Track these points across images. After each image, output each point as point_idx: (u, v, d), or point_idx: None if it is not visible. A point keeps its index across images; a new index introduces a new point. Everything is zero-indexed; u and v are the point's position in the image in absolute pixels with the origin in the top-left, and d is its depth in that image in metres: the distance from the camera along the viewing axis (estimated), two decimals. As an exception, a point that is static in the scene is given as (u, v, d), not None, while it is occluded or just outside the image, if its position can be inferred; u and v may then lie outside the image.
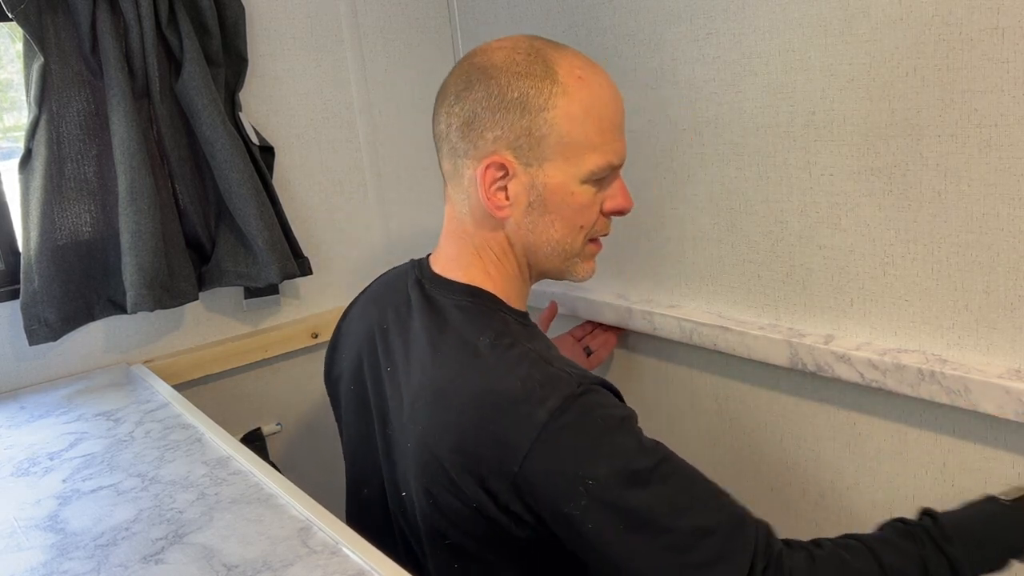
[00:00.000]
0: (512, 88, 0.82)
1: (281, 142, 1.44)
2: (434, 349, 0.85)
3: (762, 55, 1.05)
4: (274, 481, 0.86)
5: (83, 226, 1.22)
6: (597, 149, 0.84)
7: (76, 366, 1.30)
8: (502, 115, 0.82)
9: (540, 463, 0.74)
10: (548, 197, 0.85)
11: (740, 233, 1.15)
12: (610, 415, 0.77)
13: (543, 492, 0.74)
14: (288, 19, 1.43)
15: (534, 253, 0.89)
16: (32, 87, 1.16)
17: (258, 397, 1.47)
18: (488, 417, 0.77)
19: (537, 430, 0.74)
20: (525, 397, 0.76)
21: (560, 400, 0.75)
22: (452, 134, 0.86)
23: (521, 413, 0.75)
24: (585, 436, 0.74)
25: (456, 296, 0.88)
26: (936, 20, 0.88)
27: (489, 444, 0.76)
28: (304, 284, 1.50)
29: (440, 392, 0.81)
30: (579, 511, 0.73)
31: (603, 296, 1.37)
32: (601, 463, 0.73)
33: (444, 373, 0.82)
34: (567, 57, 0.85)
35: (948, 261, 0.93)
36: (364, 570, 0.69)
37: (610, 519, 0.72)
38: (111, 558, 0.74)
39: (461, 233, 0.90)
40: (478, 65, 0.85)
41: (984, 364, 0.92)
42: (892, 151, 0.95)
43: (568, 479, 0.73)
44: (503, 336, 0.82)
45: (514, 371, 0.78)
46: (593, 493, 0.73)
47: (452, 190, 0.90)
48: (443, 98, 0.88)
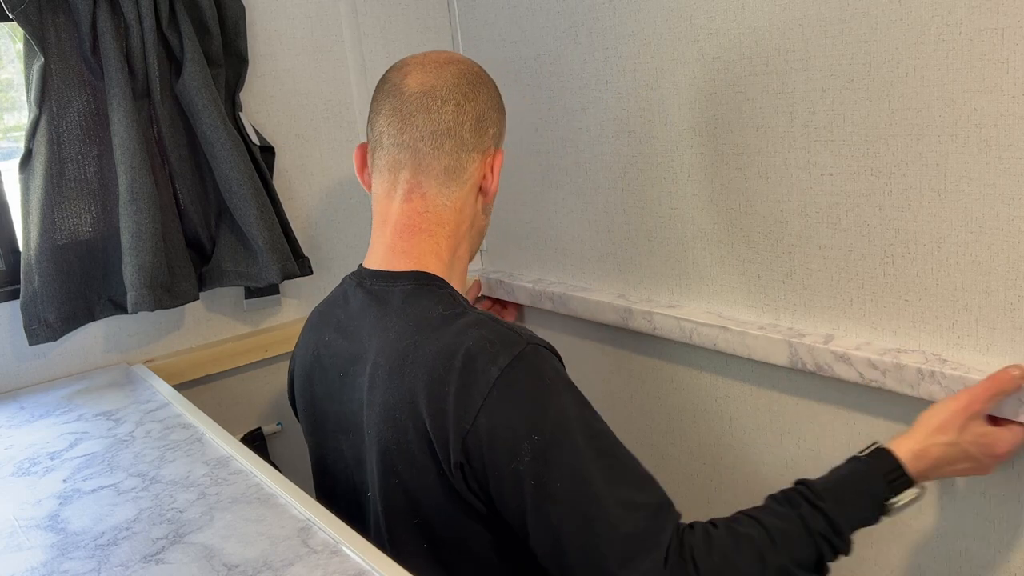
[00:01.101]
0: (496, 92, 0.98)
1: (281, 142, 1.44)
2: (385, 331, 0.89)
3: (762, 55, 1.05)
4: (274, 481, 0.86)
5: (83, 226, 1.22)
6: None
7: (76, 366, 1.30)
8: (499, 114, 0.98)
9: (490, 419, 0.78)
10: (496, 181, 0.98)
11: (740, 233, 1.15)
12: (557, 375, 0.81)
13: (491, 448, 0.77)
14: (288, 19, 1.43)
15: (478, 235, 1.01)
16: (32, 87, 1.16)
17: (258, 397, 1.47)
18: (444, 379, 0.80)
19: (488, 386, 0.78)
20: (479, 354, 0.80)
21: (510, 357, 0.79)
22: (465, 130, 0.93)
23: (475, 370, 0.79)
24: (533, 393, 0.79)
25: (401, 283, 0.92)
26: (936, 20, 0.88)
27: (445, 403, 0.79)
28: (304, 284, 1.50)
29: (395, 366, 0.85)
30: (523, 467, 0.76)
31: (603, 296, 1.37)
32: (547, 419, 0.77)
33: (397, 350, 0.86)
34: None
35: (948, 261, 0.93)
36: (364, 570, 0.69)
37: (551, 476, 0.76)
38: (111, 558, 0.74)
39: (430, 225, 0.94)
40: (475, 73, 0.96)
41: (984, 364, 0.92)
42: (892, 151, 0.95)
43: (515, 434, 0.77)
44: (453, 306, 0.88)
45: (467, 332, 0.83)
46: (537, 448, 0.76)
47: (437, 184, 0.93)
48: (447, 98, 0.92)
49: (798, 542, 0.79)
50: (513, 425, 0.77)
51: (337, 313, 0.98)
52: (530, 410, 0.78)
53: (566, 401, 0.80)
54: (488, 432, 0.77)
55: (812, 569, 0.81)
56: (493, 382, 0.78)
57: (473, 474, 0.79)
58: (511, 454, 0.77)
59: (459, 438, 0.78)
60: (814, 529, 0.80)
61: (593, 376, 1.47)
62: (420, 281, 0.91)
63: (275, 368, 1.48)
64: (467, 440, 0.78)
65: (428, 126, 0.92)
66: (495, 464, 0.78)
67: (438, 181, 0.93)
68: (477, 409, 0.78)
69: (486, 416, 0.78)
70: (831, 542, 0.80)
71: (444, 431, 0.79)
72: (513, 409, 0.78)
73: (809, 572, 0.81)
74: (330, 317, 0.99)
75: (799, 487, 0.84)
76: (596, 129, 1.33)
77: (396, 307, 0.90)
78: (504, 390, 0.78)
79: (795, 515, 0.80)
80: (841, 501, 0.82)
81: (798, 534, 0.79)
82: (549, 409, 0.78)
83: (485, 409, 0.78)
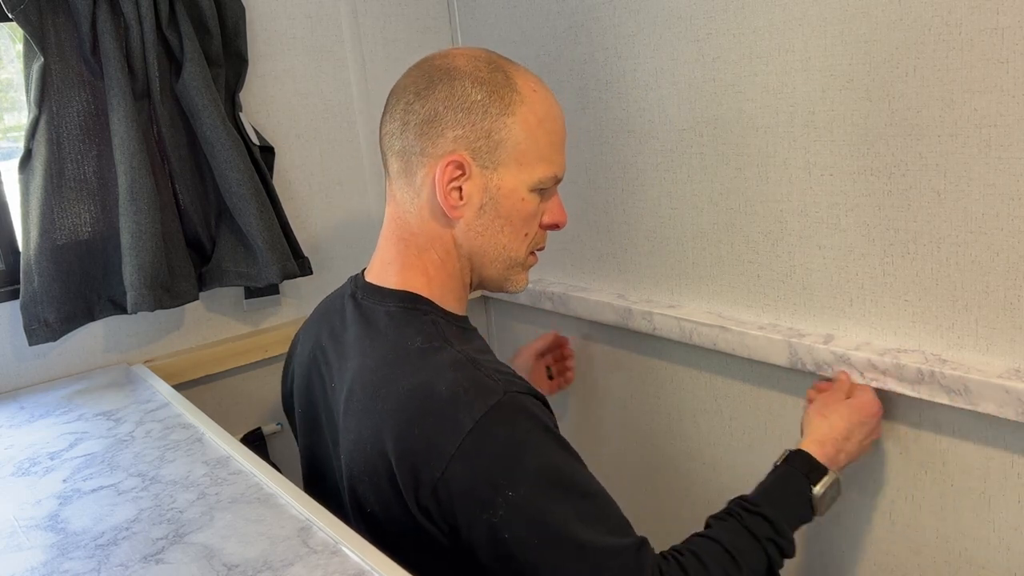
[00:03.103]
0: (476, 91, 0.85)
1: (281, 142, 1.44)
2: (364, 356, 0.86)
3: (762, 55, 1.05)
4: (274, 481, 0.86)
5: (83, 226, 1.22)
6: (546, 160, 0.89)
7: (76, 366, 1.30)
8: (465, 115, 0.85)
9: (462, 470, 0.75)
10: (500, 201, 0.88)
11: (740, 233, 1.15)
12: (533, 425, 0.78)
13: (463, 499, 0.75)
14: (288, 19, 1.43)
15: (480, 257, 0.91)
16: (32, 87, 1.16)
17: (258, 397, 1.47)
18: (415, 420, 0.78)
19: (461, 436, 0.75)
20: (451, 400, 0.77)
21: (485, 407, 0.76)
22: (409, 131, 0.87)
23: (446, 417, 0.76)
24: (507, 445, 0.76)
25: (387, 303, 0.89)
26: (936, 20, 0.88)
27: (415, 447, 0.77)
28: (304, 284, 1.50)
29: (368, 396, 0.82)
30: (497, 520, 0.74)
31: (603, 296, 1.37)
32: (521, 474, 0.75)
33: (373, 379, 0.83)
34: (522, 72, 0.90)
35: (948, 261, 0.93)
36: (364, 570, 0.69)
37: (528, 529, 0.74)
38: (111, 558, 0.74)
39: (403, 234, 0.91)
40: (440, 67, 0.87)
41: (984, 364, 0.92)
42: (892, 151, 0.95)
43: (489, 487, 0.75)
44: (433, 339, 0.84)
45: (443, 374, 0.79)
46: (512, 502, 0.74)
47: (399, 189, 0.90)
48: (399, 96, 0.89)
49: (750, 551, 0.83)
50: (486, 478, 0.75)
51: (334, 320, 0.96)
52: (504, 463, 0.75)
53: (541, 451, 0.77)
54: (460, 483, 0.75)
55: (765, 572, 0.85)
56: (467, 432, 0.75)
57: (442, 516, 0.77)
58: (484, 506, 0.75)
59: (429, 484, 0.76)
60: (760, 535, 0.84)
61: (593, 376, 1.47)
62: (405, 303, 0.88)
63: (275, 368, 1.48)
64: (437, 487, 0.76)
65: (385, 126, 0.90)
66: (466, 513, 0.76)
67: (399, 185, 0.90)
68: (448, 458, 0.75)
69: (458, 466, 0.75)
70: (777, 543, 0.85)
71: (413, 473, 0.77)
72: (486, 461, 0.75)
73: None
74: (327, 322, 0.98)
75: (735, 501, 0.89)
76: (596, 129, 1.33)
77: (378, 330, 0.87)
78: (478, 441, 0.75)
79: (740, 526, 0.85)
80: (775, 503, 0.87)
81: (748, 544, 0.84)
82: (523, 461, 0.76)
83: (457, 459, 0.75)
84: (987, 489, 0.97)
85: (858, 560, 1.12)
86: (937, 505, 1.02)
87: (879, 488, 1.07)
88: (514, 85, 0.87)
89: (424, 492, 0.76)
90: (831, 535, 1.14)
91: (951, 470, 0.99)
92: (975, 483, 0.98)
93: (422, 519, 0.78)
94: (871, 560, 1.11)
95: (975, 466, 0.97)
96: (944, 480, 1.00)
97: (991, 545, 0.98)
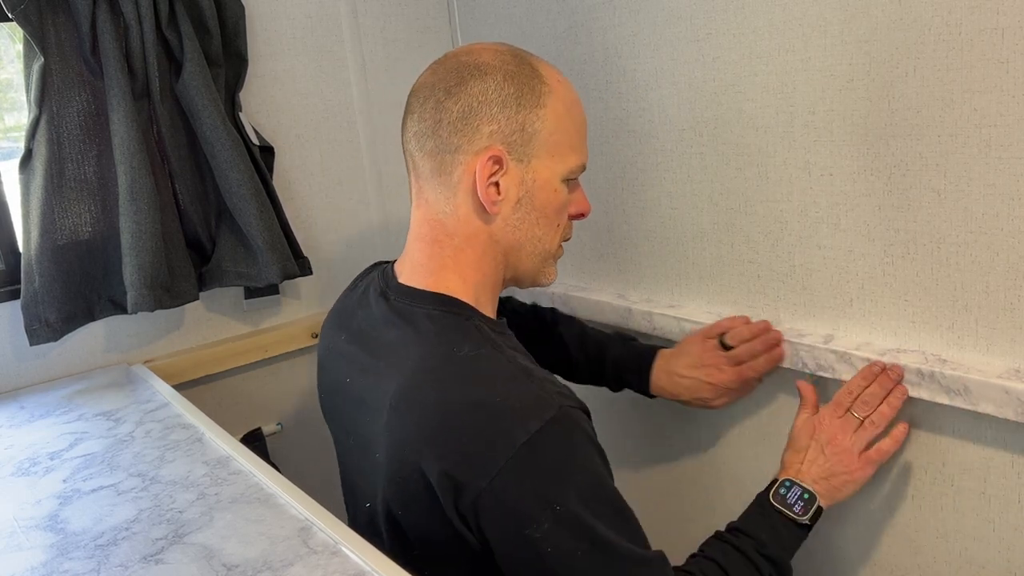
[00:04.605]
0: (508, 84, 0.85)
1: (281, 142, 1.44)
2: (409, 358, 0.84)
3: (762, 55, 1.05)
4: (274, 481, 0.86)
5: (83, 226, 1.22)
6: (576, 149, 0.90)
7: (76, 366, 1.30)
8: (500, 109, 0.84)
9: (511, 483, 0.74)
10: (536, 193, 0.88)
11: (740, 233, 1.15)
12: (584, 440, 0.78)
13: (506, 511, 0.75)
14: (288, 19, 1.43)
15: (517, 252, 0.91)
16: (32, 87, 1.16)
17: (258, 397, 1.47)
18: (464, 428, 0.76)
19: (513, 449, 0.74)
20: (505, 413, 0.76)
21: (540, 423, 0.75)
22: (443, 129, 0.85)
23: (499, 429, 0.75)
24: (558, 461, 0.75)
25: (426, 305, 0.87)
26: (936, 20, 0.88)
27: (462, 455, 0.76)
28: (304, 284, 1.50)
29: (416, 400, 0.81)
30: (541, 533, 0.74)
31: (603, 296, 1.37)
32: (571, 489, 0.75)
33: (422, 382, 0.81)
34: (545, 64, 0.90)
35: (948, 261, 0.93)
36: (364, 570, 0.69)
37: (571, 545, 0.74)
38: (111, 558, 0.74)
39: (437, 236, 0.89)
40: (468, 63, 0.86)
41: (984, 364, 0.92)
42: (892, 151, 0.95)
43: (537, 501, 0.74)
44: (481, 345, 0.82)
45: (496, 385, 0.78)
46: (559, 517, 0.74)
47: (431, 189, 0.89)
48: (427, 95, 0.87)
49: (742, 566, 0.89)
50: (535, 492, 0.74)
51: (359, 316, 0.94)
52: (554, 478, 0.75)
53: (589, 467, 0.78)
54: (505, 495, 0.74)
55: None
56: (520, 445, 0.74)
57: (478, 524, 0.77)
58: (528, 520, 0.74)
59: (472, 493, 0.75)
60: (749, 552, 0.89)
61: (593, 376, 1.47)
62: (445, 307, 0.87)
63: (275, 368, 1.48)
64: (481, 497, 0.74)
65: (412, 127, 0.88)
66: (508, 526, 0.75)
67: (431, 186, 0.88)
68: (498, 470, 0.74)
69: (507, 479, 0.74)
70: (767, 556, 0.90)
71: (455, 480, 0.76)
72: (538, 476, 0.75)
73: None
74: (350, 318, 0.96)
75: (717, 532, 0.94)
76: (596, 129, 1.33)
77: (420, 332, 0.85)
78: (530, 455, 0.74)
79: (732, 548, 0.90)
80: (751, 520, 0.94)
81: (744, 564, 0.89)
82: (573, 477, 0.76)
83: (507, 471, 0.74)
84: (987, 489, 0.97)
85: (858, 560, 1.12)
86: (937, 505, 1.02)
87: (879, 488, 1.07)
88: (542, 77, 0.87)
89: (466, 501, 0.75)
90: (831, 535, 1.14)
91: (951, 470, 0.99)
92: (975, 483, 0.98)
93: (459, 523, 0.78)
94: (871, 560, 1.11)
95: (975, 466, 0.97)
96: (944, 480, 1.00)
97: (991, 545, 0.98)
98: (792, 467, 0.98)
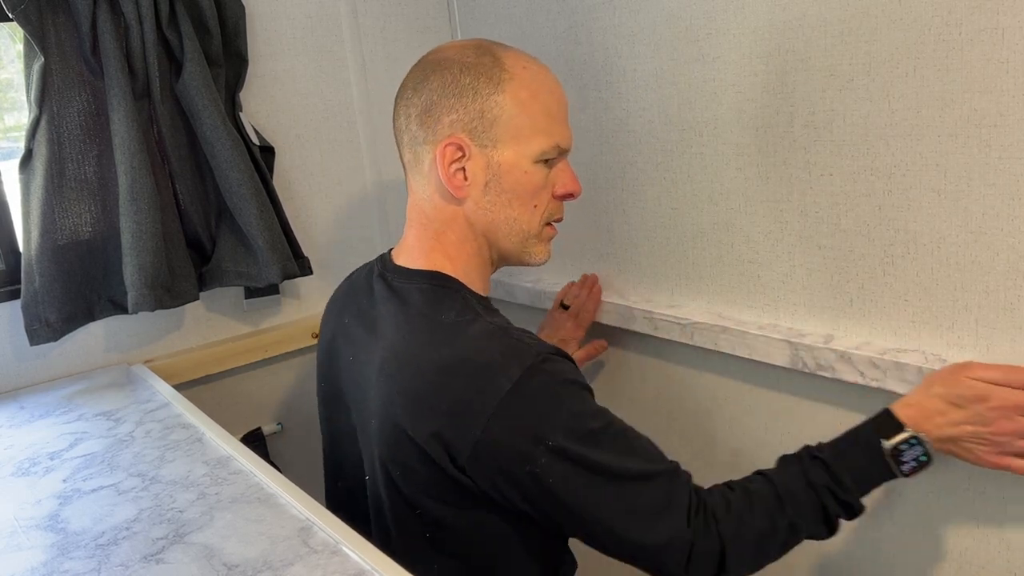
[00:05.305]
0: (464, 75, 0.90)
1: (281, 142, 1.44)
2: (397, 327, 0.91)
3: (762, 55, 1.05)
4: (274, 481, 0.86)
5: (84, 226, 1.22)
6: (544, 132, 0.92)
7: (76, 366, 1.30)
8: (456, 100, 0.89)
9: (503, 426, 0.80)
10: (503, 176, 0.91)
11: (740, 233, 1.15)
12: (566, 381, 0.83)
13: (506, 453, 0.80)
14: (288, 19, 1.43)
15: (494, 233, 0.95)
16: (33, 87, 1.16)
17: (258, 397, 1.47)
18: (451, 385, 0.82)
19: (499, 396, 0.79)
20: (487, 365, 0.82)
21: (521, 369, 0.81)
22: (412, 124, 0.92)
23: (484, 380, 0.81)
24: (544, 402, 0.81)
25: (418, 281, 0.93)
26: (936, 20, 0.88)
27: (452, 410, 0.81)
28: (304, 284, 1.50)
29: (404, 363, 0.87)
30: (540, 468, 0.80)
31: (603, 296, 1.37)
32: (558, 426, 0.80)
33: (408, 346, 0.88)
34: (513, 53, 0.93)
35: (948, 261, 0.93)
36: (364, 570, 0.69)
37: (570, 473, 0.80)
38: (112, 558, 0.74)
39: (422, 220, 0.95)
40: (432, 60, 0.93)
41: (984, 364, 0.92)
42: (892, 151, 0.95)
43: (530, 439, 0.80)
44: (465, 312, 0.89)
45: (477, 342, 0.84)
46: (553, 450, 0.80)
47: (413, 180, 0.96)
48: (401, 94, 0.95)
49: (802, 495, 0.84)
50: (526, 432, 0.80)
51: (360, 300, 1.00)
52: (541, 415, 0.80)
53: (575, 401, 0.83)
54: (499, 439, 0.80)
55: (821, 522, 0.85)
56: (505, 392, 0.80)
57: (477, 471, 0.82)
58: (525, 458, 0.80)
59: (468, 444, 0.80)
60: (815, 481, 0.84)
61: (593, 376, 1.47)
62: (435, 282, 0.93)
63: (275, 368, 1.48)
64: (477, 446, 0.80)
65: (395, 124, 0.96)
66: (509, 468, 0.81)
67: (412, 176, 0.96)
68: (488, 417, 0.79)
69: (498, 424, 0.79)
70: (833, 492, 0.84)
71: (449, 433, 0.81)
72: (526, 416, 0.80)
73: (818, 526, 0.86)
74: (352, 303, 1.02)
75: (803, 447, 0.89)
76: (596, 129, 1.33)
77: (411, 305, 0.91)
78: (516, 399, 0.80)
79: (798, 469, 0.86)
80: (838, 450, 0.87)
81: (802, 487, 0.85)
82: (560, 411, 0.81)
83: (496, 417, 0.79)
84: (987, 489, 0.97)
85: (858, 560, 1.12)
86: (937, 505, 1.02)
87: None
88: (502, 65, 0.90)
89: (462, 450, 0.81)
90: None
91: (951, 470, 0.99)
92: (975, 483, 0.98)
93: (458, 475, 0.83)
94: (871, 560, 1.11)
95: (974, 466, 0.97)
96: (944, 480, 1.00)
97: (991, 545, 0.98)
98: (933, 420, 0.85)
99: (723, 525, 0.82)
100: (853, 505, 0.85)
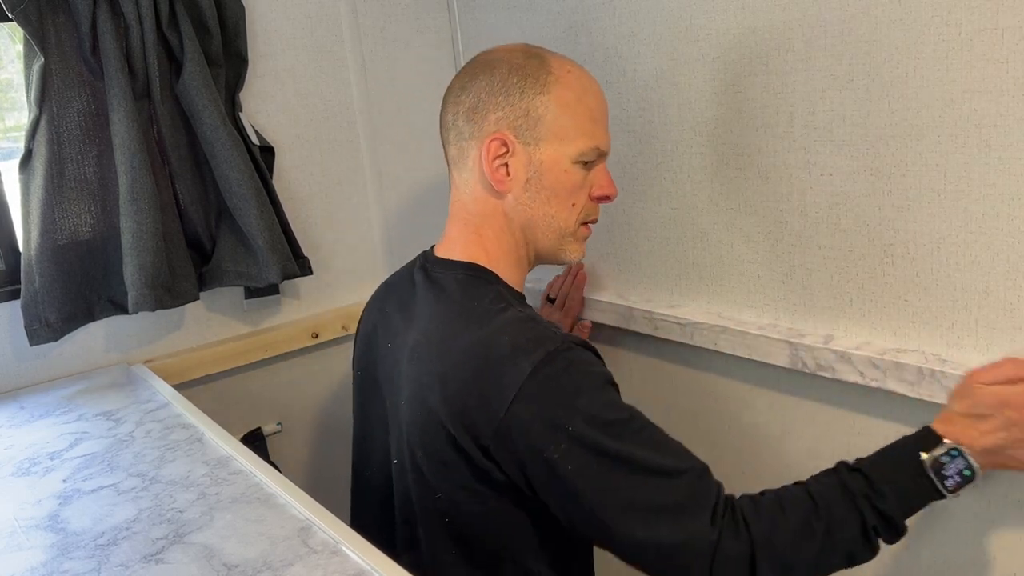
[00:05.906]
0: (512, 76, 0.94)
1: (281, 142, 1.44)
2: (432, 314, 0.94)
3: (762, 55, 1.05)
4: (274, 481, 0.86)
5: (84, 226, 1.22)
6: (586, 134, 0.96)
7: (76, 366, 1.30)
8: (503, 98, 0.94)
9: (524, 409, 0.81)
10: (544, 174, 0.95)
11: (740, 233, 1.15)
12: (590, 371, 0.85)
13: (525, 437, 0.81)
14: (288, 19, 1.43)
15: (532, 229, 0.98)
16: (32, 87, 1.16)
17: (258, 397, 1.47)
18: (479, 368, 0.85)
19: (522, 378, 0.81)
20: (512, 351, 0.84)
21: (544, 354, 0.82)
22: (459, 120, 0.96)
23: (509, 363, 0.83)
24: (566, 386, 0.82)
25: (456, 271, 0.97)
26: (936, 20, 0.88)
27: (478, 393, 0.83)
28: (304, 284, 1.50)
29: (435, 347, 0.90)
30: (558, 454, 0.80)
31: (603, 296, 1.37)
32: (580, 411, 0.81)
33: (439, 330, 0.91)
34: (559, 57, 0.98)
35: (948, 261, 0.93)
36: (364, 570, 0.69)
37: (587, 461, 0.80)
38: (112, 558, 0.74)
39: (464, 215, 0.99)
40: (481, 61, 0.98)
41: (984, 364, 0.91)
42: (892, 151, 0.95)
43: (549, 424, 0.80)
44: (497, 301, 0.91)
45: (506, 330, 0.86)
46: (573, 436, 0.80)
47: (456, 174, 1.00)
48: (450, 92, 0.99)
49: (840, 505, 0.80)
50: (547, 416, 0.81)
51: (402, 291, 1.04)
52: (563, 401, 0.81)
53: (596, 390, 0.83)
54: (521, 421, 0.81)
55: (859, 535, 0.80)
56: (527, 375, 0.81)
57: (501, 455, 0.83)
58: (546, 443, 0.80)
59: (491, 425, 0.82)
60: (854, 489, 0.81)
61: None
62: (471, 272, 0.96)
63: (275, 368, 1.48)
64: (499, 428, 0.82)
65: (443, 121, 1.00)
66: (530, 451, 0.81)
67: (457, 172, 0.99)
68: (511, 400, 0.81)
69: (520, 406, 0.81)
70: (873, 503, 0.80)
71: (473, 415, 0.83)
72: (547, 400, 0.81)
73: (856, 539, 0.80)
74: (394, 294, 1.05)
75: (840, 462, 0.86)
76: (596, 129, 1.33)
77: (446, 292, 0.95)
78: (538, 383, 0.81)
79: (836, 480, 0.83)
80: (877, 463, 0.83)
81: (839, 496, 0.81)
82: (580, 398, 0.82)
83: (519, 400, 0.81)
84: (986, 489, 0.97)
85: (858, 560, 1.12)
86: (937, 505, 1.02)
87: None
88: (549, 67, 0.94)
89: (485, 432, 0.83)
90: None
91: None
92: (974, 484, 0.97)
93: (480, 460, 0.84)
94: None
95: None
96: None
97: (991, 545, 0.98)
98: (968, 434, 0.82)
99: (753, 527, 0.79)
100: (894, 518, 0.80)
